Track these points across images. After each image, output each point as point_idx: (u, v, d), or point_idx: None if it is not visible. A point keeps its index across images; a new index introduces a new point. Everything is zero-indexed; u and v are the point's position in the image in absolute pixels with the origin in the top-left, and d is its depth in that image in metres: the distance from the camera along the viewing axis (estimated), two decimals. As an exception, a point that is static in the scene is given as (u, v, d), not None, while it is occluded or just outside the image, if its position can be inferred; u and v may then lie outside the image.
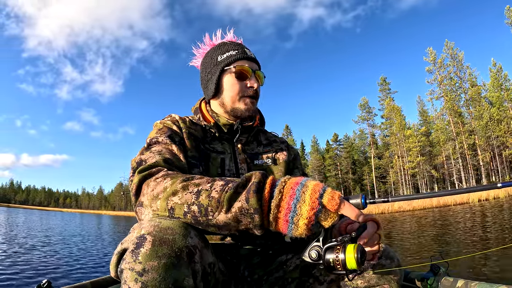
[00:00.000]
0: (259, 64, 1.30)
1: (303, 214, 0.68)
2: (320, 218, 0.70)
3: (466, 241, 7.02)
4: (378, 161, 47.95)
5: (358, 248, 0.73)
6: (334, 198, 0.70)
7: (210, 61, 1.27)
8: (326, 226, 0.72)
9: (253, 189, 0.70)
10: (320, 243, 0.77)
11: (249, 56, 1.24)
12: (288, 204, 0.69)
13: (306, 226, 0.68)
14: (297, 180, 0.73)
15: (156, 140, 1.07)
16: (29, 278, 4.68)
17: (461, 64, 39.60)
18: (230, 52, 1.23)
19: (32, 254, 7.07)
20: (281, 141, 1.42)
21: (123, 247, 0.71)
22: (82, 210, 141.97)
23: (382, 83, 47.73)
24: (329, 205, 0.69)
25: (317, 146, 57.10)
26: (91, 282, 1.60)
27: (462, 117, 39.09)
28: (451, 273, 1.56)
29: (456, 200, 25.70)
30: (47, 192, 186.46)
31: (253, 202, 0.68)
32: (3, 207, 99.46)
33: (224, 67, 1.22)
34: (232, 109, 1.23)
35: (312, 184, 0.72)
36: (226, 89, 1.22)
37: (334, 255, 0.74)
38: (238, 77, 1.21)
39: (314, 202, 0.68)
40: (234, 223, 0.72)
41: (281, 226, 0.70)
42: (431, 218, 15.61)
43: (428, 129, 44.61)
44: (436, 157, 41.82)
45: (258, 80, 1.26)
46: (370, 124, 49.92)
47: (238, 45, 1.27)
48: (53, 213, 66.87)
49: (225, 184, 0.75)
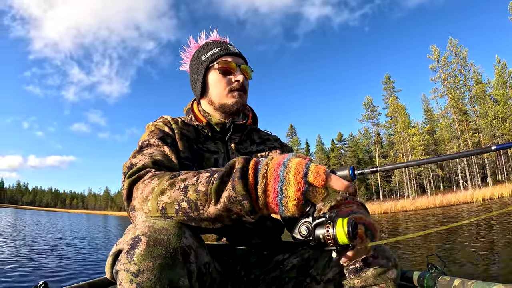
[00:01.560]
0: (245, 59, 1.31)
1: (290, 196, 0.67)
2: (308, 196, 0.69)
3: (467, 240, 6.97)
4: (382, 160, 47.64)
5: (348, 222, 0.72)
6: (319, 174, 0.68)
7: (195, 62, 1.29)
8: (317, 203, 0.71)
9: (237, 175, 0.69)
10: (310, 219, 0.76)
11: (232, 52, 1.25)
12: (274, 188, 0.68)
13: (295, 206, 0.67)
14: (279, 161, 0.71)
15: (148, 142, 1.07)
16: (26, 279, 4.65)
17: (465, 62, 39.10)
18: (213, 50, 1.25)
19: (31, 255, 7.03)
20: (274, 139, 1.42)
21: (118, 248, 0.71)
22: (89, 211, 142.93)
23: (386, 81, 47.35)
24: (315, 182, 0.68)
25: (322, 146, 56.86)
26: (88, 283, 1.60)
27: (467, 115, 38.67)
28: (447, 272, 1.57)
29: (459, 200, 25.54)
30: (54, 193, 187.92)
31: (240, 189, 0.68)
32: (10, 208, 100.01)
33: (208, 65, 1.23)
34: (220, 105, 1.23)
35: (295, 163, 0.70)
36: (212, 86, 1.24)
37: (325, 230, 0.73)
38: (222, 73, 1.22)
39: (300, 182, 0.67)
40: (225, 213, 0.71)
41: (272, 209, 0.70)
42: (434, 218, 15.53)
43: (433, 128, 44.27)
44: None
45: (246, 74, 1.27)
46: (375, 123, 49.64)
47: (221, 43, 1.28)
48: (60, 214, 67.04)
49: (211, 175, 0.74)
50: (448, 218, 14.49)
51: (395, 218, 18.77)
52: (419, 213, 21.96)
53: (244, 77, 1.25)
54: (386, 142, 49.60)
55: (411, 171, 41.88)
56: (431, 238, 7.86)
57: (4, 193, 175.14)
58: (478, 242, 6.55)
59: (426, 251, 6.06)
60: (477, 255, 5.08)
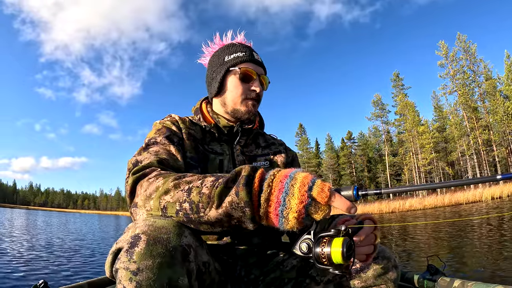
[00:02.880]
0: (265, 69, 1.29)
1: (292, 207, 0.67)
2: (310, 211, 0.68)
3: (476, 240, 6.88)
4: (392, 159, 47.14)
5: (344, 242, 0.71)
6: (323, 190, 0.68)
7: (217, 60, 1.27)
8: (317, 219, 0.70)
9: (243, 182, 0.69)
10: (311, 236, 0.75)
11: (255, 60, 1.24)
12: (277, 198, 0.68)
13: (296, 219, 0.67)
14: (286, 173, 0.72)
15: (155, 140, 1.07)
16: (26, 278, 4.60)
17: (474, 57, 38.28)
18: (237, 53, 1.23)
19: (33, 255, 6.93)
20: (279, 143, 1.42)
21: (118, 247, 0.70)
22: (100, 211, 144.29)
23: (395, 79, 46.66)
24: (319, 198, 0.68)
25: (332, 144, 56.47)
26: (88, 283, 1.59)
27: (476, 111, 37.99)
28: (447, 273, 1.57)
29: (468, 199, 24.98)
30: (65, 194, 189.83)
31: (243, 195, 0.68)
32: (22, 209, 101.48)
33: (230, 68, 1.21)
34: (233, 110, 1.22)
35: (301, 176, 0.70)
36: (229, 89, 1.22)
37: (320, 249, 0.73)
38: (242, 79, 1.21)
39: (303, 195, 0.67)
40: (225, 218, 0.72)
41: (271, 220, 0.70)
42: (442, 217, 15.34)
43: (443, 125, 43.66)
44: (451, 154, 40.91)
45: (263, 84, 1.26)
46: (384, 121, 49.13)
47: (247, 48, 1.26)
48: (71, 215, 67.37)
49: (216, 179, 0.75)
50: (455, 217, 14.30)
51: (403, 219, 18.58)
52: (426, 212, 21.67)
53: (261, 87, 1.24)
54: (396, 140, 49.01)
55: (421, 169, 41.38)
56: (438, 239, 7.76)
57: (17, 194, 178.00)
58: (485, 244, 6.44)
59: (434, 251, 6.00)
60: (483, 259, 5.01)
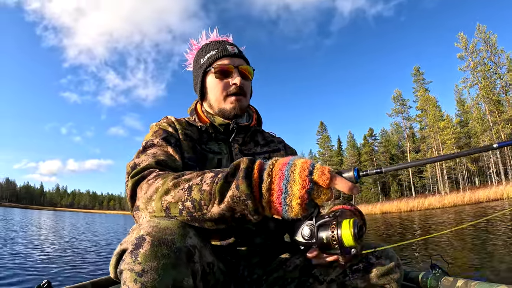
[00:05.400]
0: (245, 59, 1.27)
1: (295, 194, 0.67)
2: (313, 195, 0.69)
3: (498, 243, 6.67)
4: (414, 155, 45.98)
5: (354, 223, 0.71)
6: (324, 173, 0.68)
7: (195, 65, 1.28)
8: (320, 203, 0.71)
9: (242, 175, 0.69)
10: (313, 221, 0.75)
11: (230, 53, 1.21)
12: (278, 186, 0.68)
13: (300, 205, 0.68)
14: (285, 161, 0.72)
15: (152, 142, 1.06)
16: (30, 278, 4.58)
17: (495, 48, 36.65)
18: (210, 52, 1.23)
19: (36, 254, 6.88)
20: (278, 141, 1.41)
21: (123, 248, 0.70)
22: (125, 212, 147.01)
23: (415, 73, 45.45)
24: (320, 181, 0.68)
25: (354, 142, 55.64)
26: (91, 283, 1.59)
27: (499, 104, 36.40)
28: (451, 273, 1.56)
29: (489, 196, 24.13)
30: (91, 195, 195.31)
31: (244, 188, 0.68)
32: (50, 211, 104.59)
33: (206, 69, 1.22)
34: (219, 109, 1.22)
35: (300, 162, 0.71)
36: (210, 90, 1.23)
37: (329, 232, 0.72)
38: (219, 76, 1.20)
39: (305, 180, 0.67)
40: (228, 213, 0.72)
41: (275, 209, 0.70)
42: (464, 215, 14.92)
43: (466, 120, 42.27)
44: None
45: (246, 75, 1.24)
46: (405, 117, 48.05)
47: (219, 44, 1.25)
48: (97, 215, 68.51)
49: (215, 175, 0.75)
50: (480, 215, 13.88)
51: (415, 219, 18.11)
52: (446, 210, 21.01)
53: (243, 78, 1.22)
54: (418, 136, 47.79)
55: (443, 165, 40.21)
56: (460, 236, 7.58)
57: (44, 196, 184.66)
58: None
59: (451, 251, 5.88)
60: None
